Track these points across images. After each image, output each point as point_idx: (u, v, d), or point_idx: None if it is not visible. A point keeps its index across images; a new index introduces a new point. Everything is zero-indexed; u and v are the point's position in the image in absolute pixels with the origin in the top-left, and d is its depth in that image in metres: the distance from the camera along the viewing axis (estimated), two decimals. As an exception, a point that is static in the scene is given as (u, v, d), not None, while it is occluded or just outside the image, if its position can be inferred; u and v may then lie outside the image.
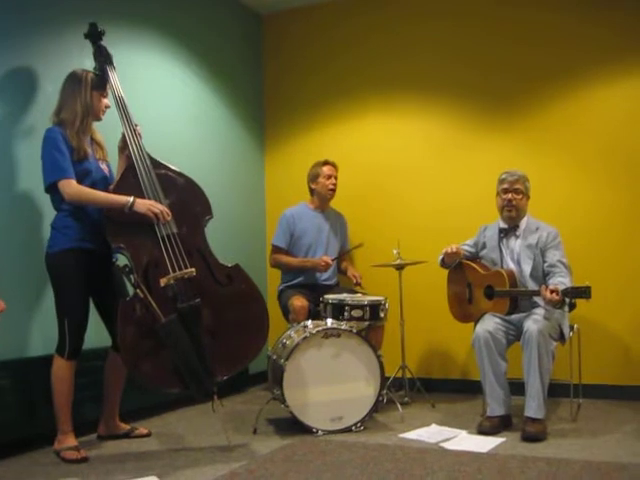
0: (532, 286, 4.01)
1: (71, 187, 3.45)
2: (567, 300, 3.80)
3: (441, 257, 4.35)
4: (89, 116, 3.60)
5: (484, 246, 4.29)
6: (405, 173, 5.36)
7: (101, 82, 3.66)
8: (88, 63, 3.83)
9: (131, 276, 3.47)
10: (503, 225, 4.23)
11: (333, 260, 4.90)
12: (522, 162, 4.71)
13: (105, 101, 3.68)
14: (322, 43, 5.69)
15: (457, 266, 4.35)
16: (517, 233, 4.18)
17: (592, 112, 4.85)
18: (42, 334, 3.76)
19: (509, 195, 4.14)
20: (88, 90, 3.59)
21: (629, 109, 4.75)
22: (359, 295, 4.52)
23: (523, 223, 4.19)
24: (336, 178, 5.02)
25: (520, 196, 4.15)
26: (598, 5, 4.82)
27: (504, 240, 4.22)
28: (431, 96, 5.31)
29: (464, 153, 5.20)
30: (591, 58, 4.84)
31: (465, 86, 5.18)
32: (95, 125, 3.74)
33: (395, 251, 4.66)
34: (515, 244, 4.17)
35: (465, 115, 5.20)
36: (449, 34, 5.23)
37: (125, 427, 3.90)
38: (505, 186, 4.16)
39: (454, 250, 4.22)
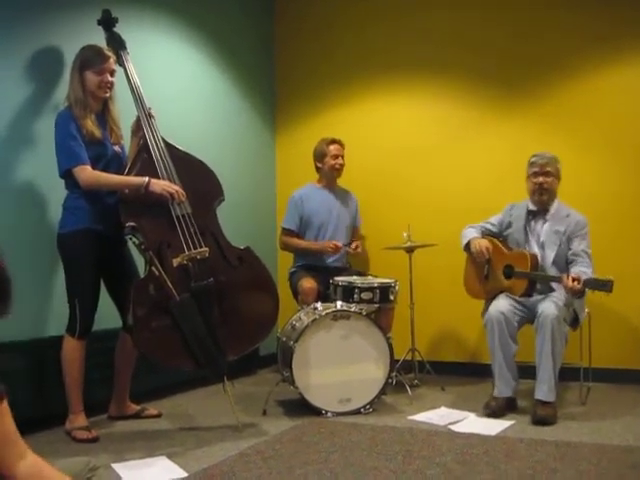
0: (553, 273, 3.95)
1: (86, 173, 3.45)
2: (587, 291, 3.75)
3: (466, 242, 4.21)
4: (86, 96, 3.55)
5: (509, 225, 4.22)
6: (415, 155, 5.33)
7: (95, 59, 3.57)
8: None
9: (147, 253, 3.48)
10: (532, 207, 4.14)
11: (344, 245, 4.83)
12: (532, 145, 4.64)
13: (100, 78, 3.56)
14: (334, 26, 5.64)
15: None
16: (546, 217, 4.10)
17: (602, 96, 4.80)
18: (53, 315, 3.78)
19: (540, 179, 4.04)
20: (77, 70, 3.54)
21: (638, 93, 4.70)
22: (369, 277, 4.52)
23: (553, 207, 4.10)
24: (343, 157, 4.97)
25: (551, 179, 4.06)
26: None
27: (531, 222, 4.14)
28: (441, 80, 5.26)
29: (474, 136, 5.16)
30: (602, 44, 4.77)
31: (475, 71, 5.13)
32: (113, 107, 3.72)
33: (405, 234, 4.65)
34: (542, 228, 4.09)
35: (474, 99, 5.15)
36: (460, 21, 5.17)
37: (135, 408, 3.93)
38: (535, 169, 4.07)
39: (486, 257, 4.09)
